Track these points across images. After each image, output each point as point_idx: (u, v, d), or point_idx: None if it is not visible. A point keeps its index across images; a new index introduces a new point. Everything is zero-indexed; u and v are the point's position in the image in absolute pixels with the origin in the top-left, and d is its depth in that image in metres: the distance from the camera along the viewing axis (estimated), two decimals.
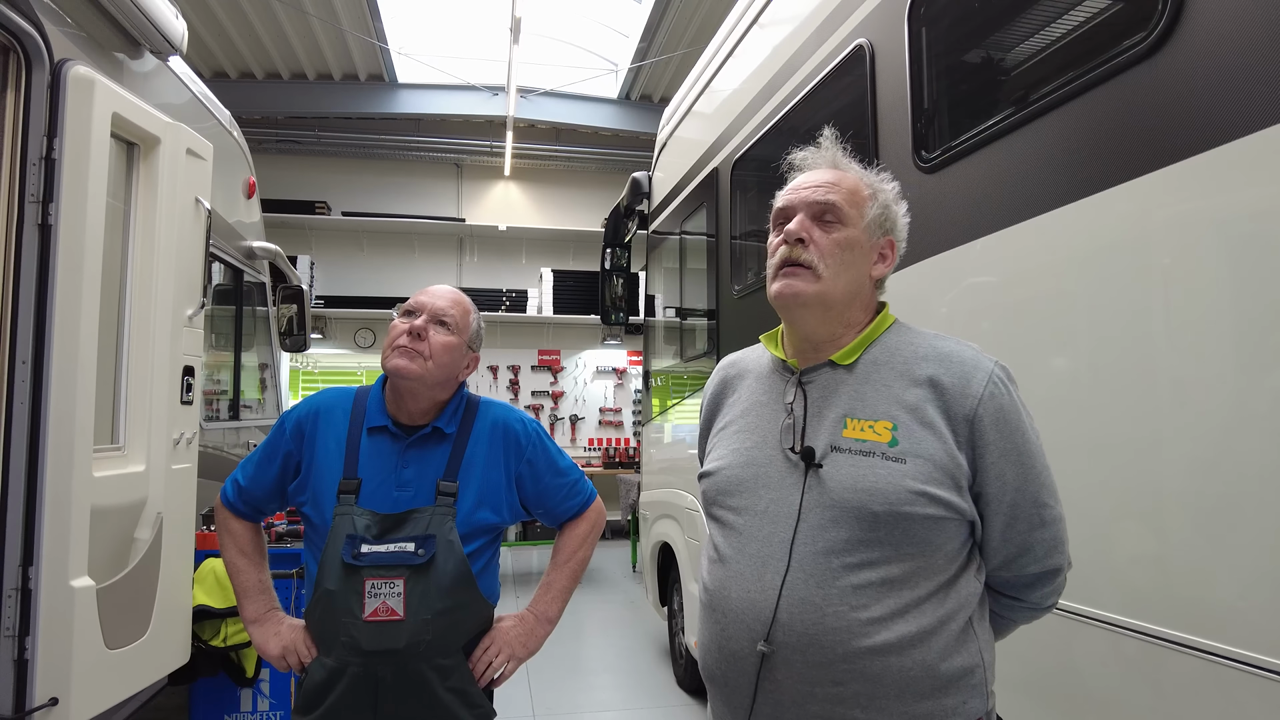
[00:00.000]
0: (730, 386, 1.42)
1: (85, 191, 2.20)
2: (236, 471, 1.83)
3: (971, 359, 1.21)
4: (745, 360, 1.44)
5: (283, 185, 8.58)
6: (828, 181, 1.27)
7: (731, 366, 1.46)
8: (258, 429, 4.54)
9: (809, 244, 1.23)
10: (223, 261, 3.99)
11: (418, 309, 1.72)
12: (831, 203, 1.24)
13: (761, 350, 1.41)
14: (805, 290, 1.22)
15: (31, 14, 2.13)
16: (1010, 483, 1.18)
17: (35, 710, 2.07)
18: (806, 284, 1.22)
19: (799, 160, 1.36)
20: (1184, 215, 1.45)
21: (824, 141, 1.35)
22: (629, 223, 5.22)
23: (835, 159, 1.32)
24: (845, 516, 1.15)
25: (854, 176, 1.30)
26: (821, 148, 1.35)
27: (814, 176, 1.29)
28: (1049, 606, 1.31)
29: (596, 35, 7.87)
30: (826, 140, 1.35)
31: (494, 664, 1.75)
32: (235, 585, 1.81)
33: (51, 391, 2.12)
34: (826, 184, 1.26)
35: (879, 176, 1.33)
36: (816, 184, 1.27)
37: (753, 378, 1.38)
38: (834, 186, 1.26)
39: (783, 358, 1.33)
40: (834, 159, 1.32)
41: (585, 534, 1.91)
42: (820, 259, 1.22)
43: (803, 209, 1.26)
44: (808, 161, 1.35)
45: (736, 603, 1.20)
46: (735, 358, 1.47)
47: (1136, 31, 1.54)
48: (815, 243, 1.23)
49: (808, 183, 1.28)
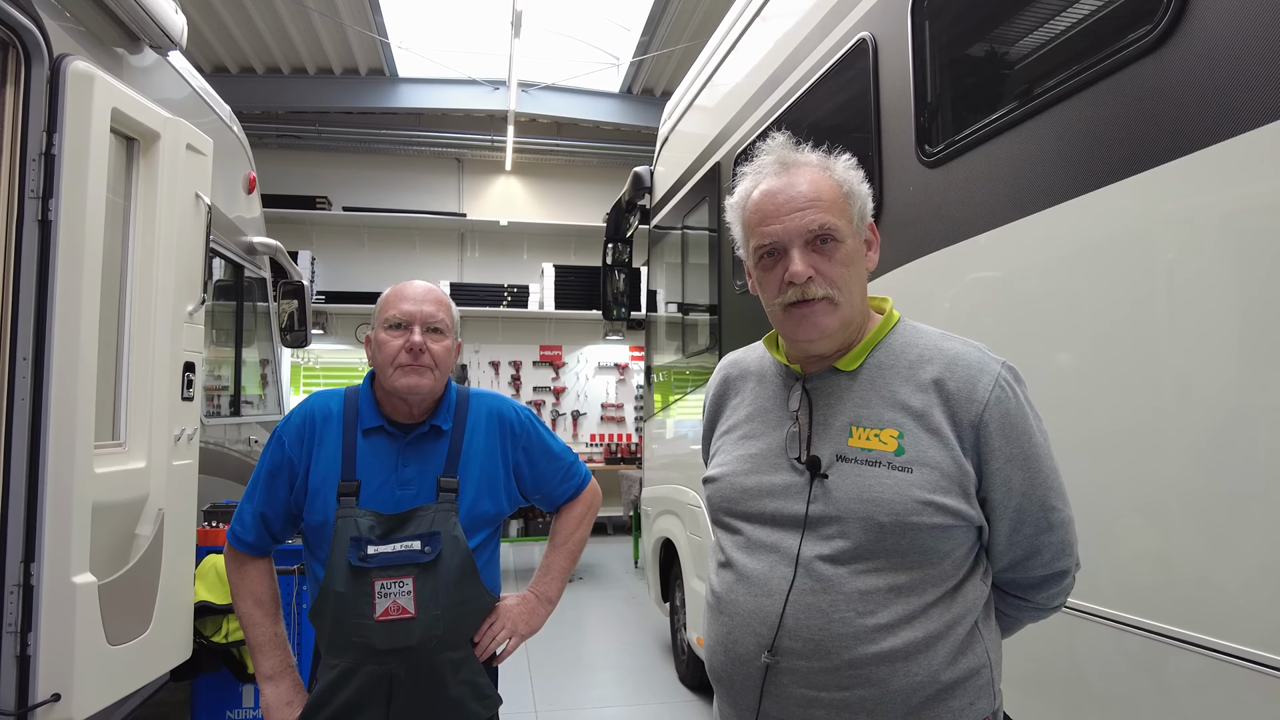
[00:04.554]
0: (733, 387, 1.40)
1: (85, 187, 2.19)
2: (240, 507, 1.76)
3: (977, 361, 1.18)
4: (746, 360, 1.41)
5: (283, 180, 8.57)
6: (809, 199, 1.17)
7: (733, 366, 1.43)
8: (259, 425, 4.54)
9: (816, 277, 1.16)
10: (223, 257, 3.99)
11: (407, 320, 1.68)
12: (826, 225, 1.16)
13: (762, 350, 1.38)
14: (830, 324, 1.18)
15: (31, 9, 2.12)
16: (1016, 488, 1.16)
17: (38, 706, 2.07)
18: (829, 318, 1.17)
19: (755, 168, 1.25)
20: (1189, 210, 1.44)
21: (775, 140, 1.26)
22: (631, 218, 5.21)
23: (789, 156, 1.23)
24: (852, 527, 1.13)
25: (826, 179, 1.21)
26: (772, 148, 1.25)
27: (788, 195, 1.18)
28: (1056, 607, 1.30)
29: (598, 28, 7.84)
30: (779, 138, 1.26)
31: (497, 639, 1.77)
32: (249, 637, 1.75)
33: (52, 387, 2.12)
34: (810, 203, 1.17)
35: (839, 162, 1.24)
36: (800, 207, 1.16)
37: (755, 380, 1.35)
38: (818, 202, 1.17)
39: (785, 362, 1.30)
40: (788, 157, 1.23)
41: (582, 515, 1.95)
42: (833, 287, 1.16)
43: (795, 240, 1.17)
44: (763, 168, 1.24)
45: (744, 607, 1.19)
46: (736, 357, 1.45)
47: (1141, 25, 1.52)
48: (821, 273, 1.16)
49: (787, 205, 1.17)
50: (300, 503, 1.70)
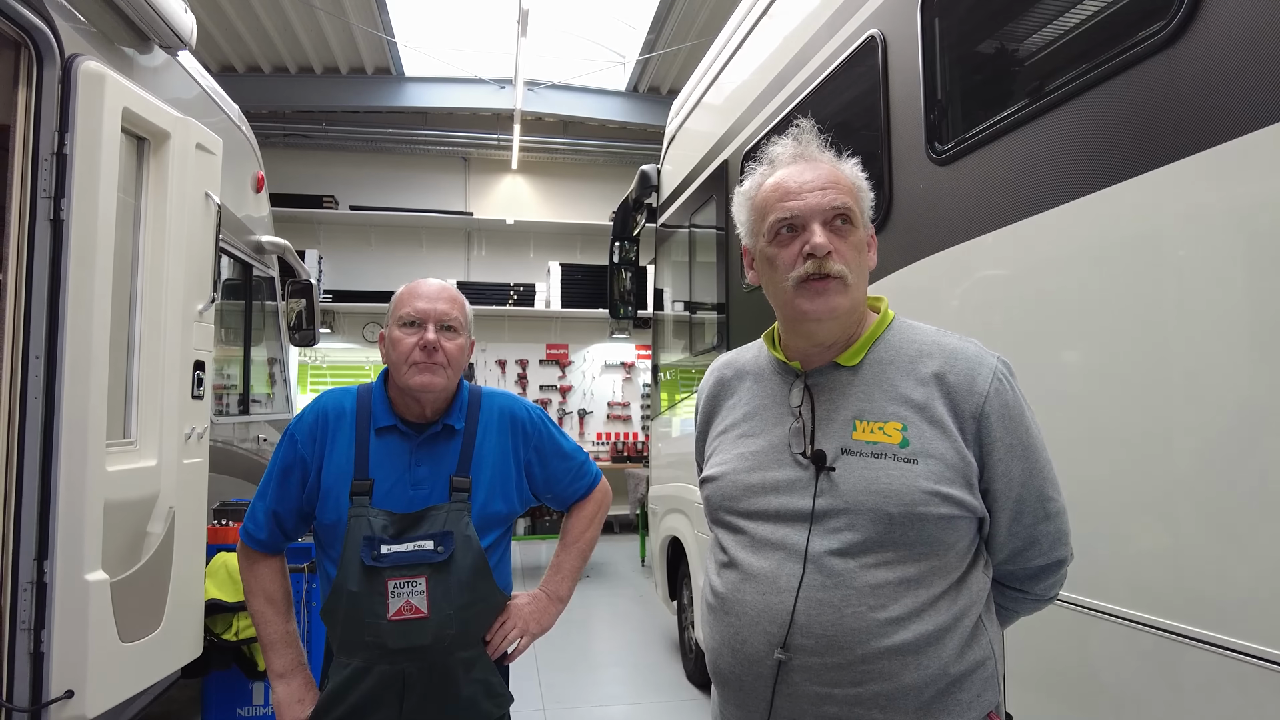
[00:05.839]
0: (728, 388, 1.39)
1: (97, 186, 2.20)
2: (253, 505, 1.77)
3: (975, 355, 1.20)
4: (742, 360, 1.40)
5: (290, 179, 8.60)
6: (829, 181, 1.20)
7: (727, 367, 1.42)
8: (267, 424, 4.55)
9: (834, 253, 1.17)
10: (232, 256, 4.00)
11: (421, 318, 1.68)
12: (846, 206, 1.19)
13: (758, 350, 1.38)
14: (842, 305, 1.18)
15: (43, 9, 2.13)
16: (1016, 478, 1.18)
17: (51, 703, 2.09)
18: (842, 298, 1.18)
19: (771, 157, 1.28)
20: (1201, 208, 1.44)
21: (803, 133, 1.28)
22: (638, 216, 5.21)
23: (808, 151, 1.25)
24: (860, 519, 1.14)
25: (843, 172, 1.24)
26: (800, 140, 1.27)
27: (809, 176, 1.21)
28: (1052, 598, 1.32)
29: (604, 27, 7.84)
30: (806, 130, 1.28)
31: (509, 638, 1.77)
32: (261, 635, 1.76)
33: (65, 386, 2.13)
34: (830, 184, 1.20)
35: (849, 163, 1.27)
36: (821, 186, 1.19)
37: (751, 379, 1.35)
38: (838, 185, 1.20)
39: (783, 359, 1.29)
40: (807, 151, 1.25)
41: (592, 514, 1.95)
42: (846, 267, 1.18)
43: (816, 216, 1.19)
44: (780, 157, 1.27)
45: (752, 606, 1.18)
46: (730, 357, 1.43)
47: (1154, 21, 1.52)
48: (838, 251, 1.18)
49: (809, 185, 1.20)
50: (313, 501, 1.71)
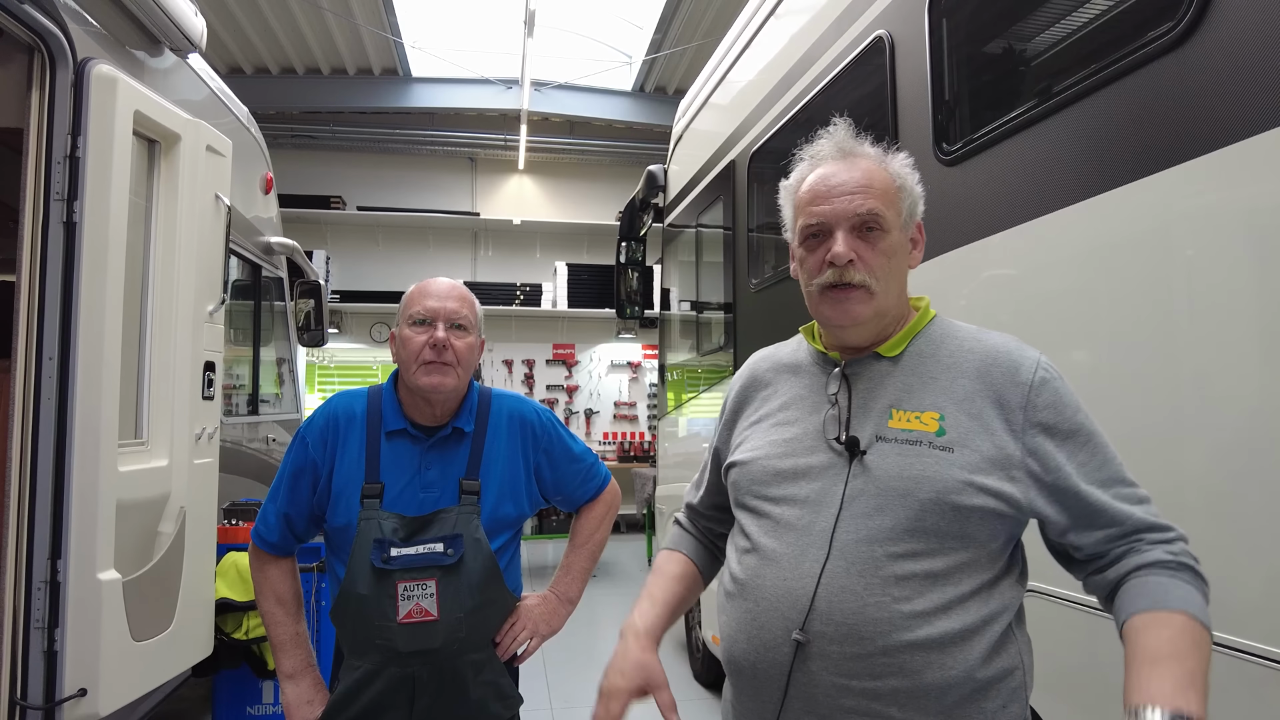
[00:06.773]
0: (762, 380, 1.38)
1: (109, 189, 2.22)
2: (264, 507, 1.78)
3: (1017, 349, 1.19)
4: (780, 354, 1.40)
5: (298, 180, 8.62)
6: (861, 185, 1.18)
7: (765, 360, 1.41)
8: (276, 424, 4.57)
9: (857, 262, 1.16)
10: (241, 257, 4.02)
11: (431, 316, 1.68)
12: (874, 212, 1.17)
13: (798, 344, 1.37)
14: (864, 313, 1.18)
15: (55, 13, 2.15)
16: (1081, 460, 1.12)
17: (64, 701, 2.10)
18: (864, 306, 1.17)
19: (813, 153, 1.28)
20: (1210, 210, 1.44)
21: (837, 129, 1.27)
22: (644, 216, 5.21)
23: (849, 145, 1.25)
24: (891, 504, 1.12)
25: (881, 171, 1.22)
26: (834, 136, 1.27)
27: (841, 179, 1.19)
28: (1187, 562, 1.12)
29: (610, 27, 7.84)
30: (840, 127, 1.27)
31: (518, 639, 1.77)
32: (271, 636, 1.76)
33: (77, 387, 2.15)
34: (861, 189, 1.18)
35: (896, 158, 1.26)
36: (850, 191, 1.18)
37: (789, 372, 1.34)
38: (869, 190, 1.18)
39: (823, 350, 1.29)
40: (848, 145, 1.24)
41: (602, 516, 1.95)
42: (871, 275, 1.17)
43: (841, 223, 1.18)
44: (821, 153, 1.26)
45: (771, 590, 1.16)
46: (768, 351, 1.43)
47: (1163, 22, 1.52)
48: (863, 259, 1.16)
49: (839, 189, 1.18)
50: (324, 504, 1.71)
